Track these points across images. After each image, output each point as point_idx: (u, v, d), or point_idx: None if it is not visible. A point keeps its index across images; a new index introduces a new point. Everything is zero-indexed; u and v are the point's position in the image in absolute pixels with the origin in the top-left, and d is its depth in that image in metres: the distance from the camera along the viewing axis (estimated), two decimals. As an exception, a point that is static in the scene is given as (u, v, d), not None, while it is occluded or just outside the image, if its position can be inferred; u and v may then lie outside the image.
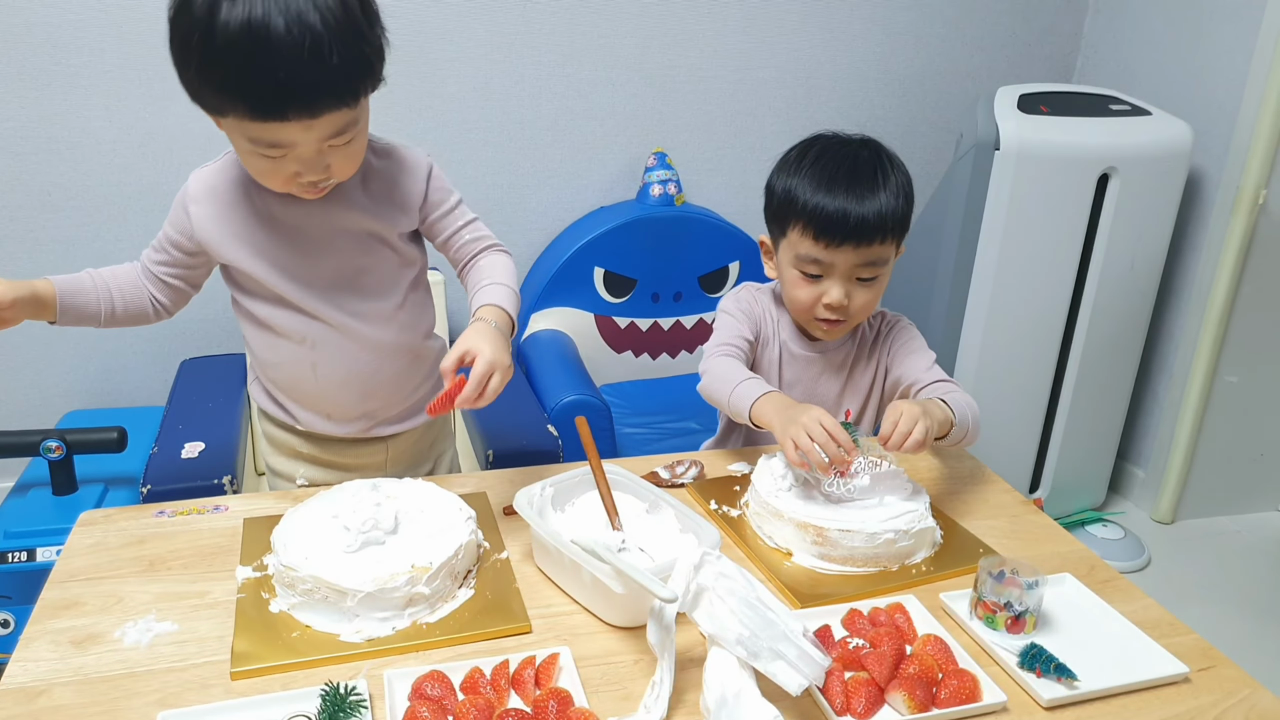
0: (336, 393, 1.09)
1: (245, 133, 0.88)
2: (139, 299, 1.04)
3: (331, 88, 0.86)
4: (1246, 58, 1.95)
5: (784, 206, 1.16)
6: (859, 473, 1.05)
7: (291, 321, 1.05)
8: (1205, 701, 0.84)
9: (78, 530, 1.01)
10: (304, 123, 0.87)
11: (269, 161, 0.91)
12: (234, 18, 0.81)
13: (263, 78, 0.83)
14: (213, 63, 0.83)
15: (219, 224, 1.02)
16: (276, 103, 0.85)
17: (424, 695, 0.77)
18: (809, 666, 0.76)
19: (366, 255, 1.06)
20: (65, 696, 0.78)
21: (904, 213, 1.14)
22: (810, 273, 1.15)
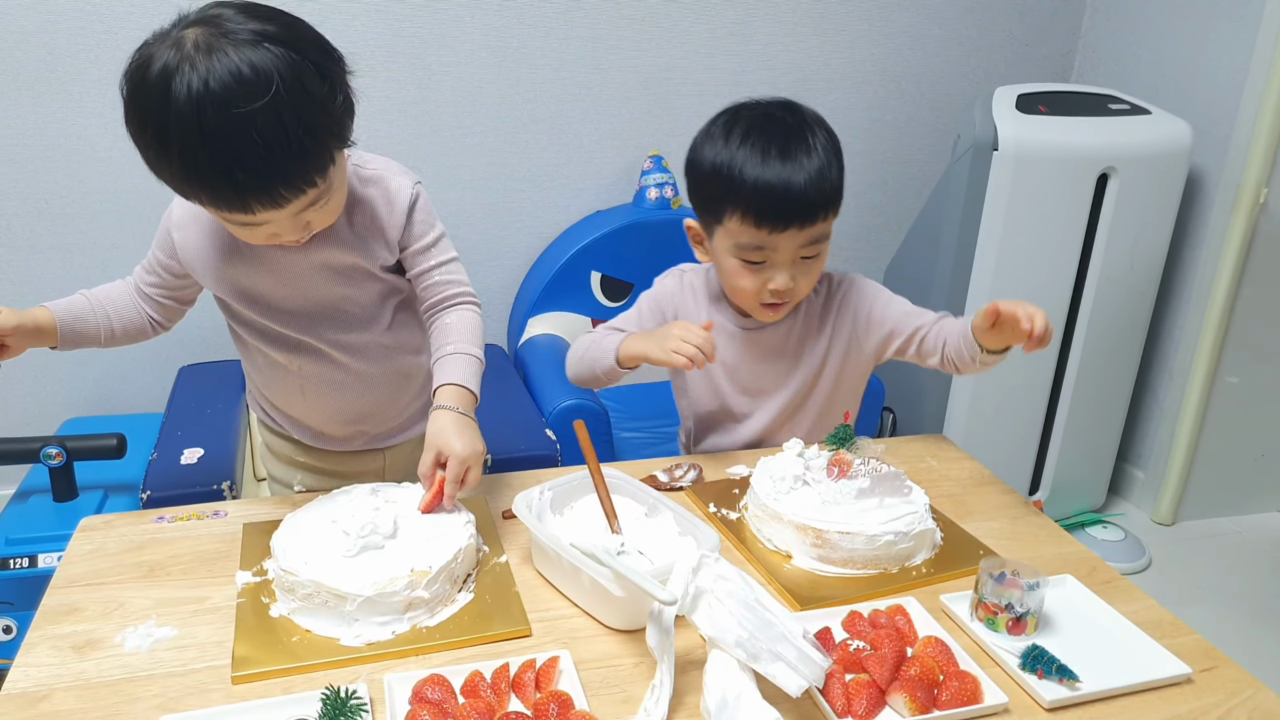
0: (326, 414, 1.09)
1: (222, 216, 0.88)
2: (136, 318, 1.04)
3: (290, 182, 0.84)
4: (1246, 56, 1.94)
5: (718, 190, 1.08)
6: (858, 474, 1.05)
7: (277, 348, 1.06)
8: (1208, 702, 0.84)
9: (78, 536, 1.01)
10: (270, 211, 0.85)
11: (244, 229, 0.90)
12: (185, 114, 0.78)
13: (220, 180, 0.81)
14: (168, 160, 0.81)
15: (200, 253, 1.01)
16: (237, 201, 0.83)
17: (424, 699, 0.77)
18: (808, 668, 0.76)
19: (349, 286, 1.04)
20: (67, 702, 0.78)
21: (840, 179, 1.09)
22: (752, 260, 1.10)
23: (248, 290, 1.02)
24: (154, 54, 0.81)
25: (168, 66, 0.79)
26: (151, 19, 1.97)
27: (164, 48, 0.81)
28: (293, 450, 1.15)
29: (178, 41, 0.81)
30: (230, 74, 0.78)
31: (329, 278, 1.03)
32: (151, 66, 0.80)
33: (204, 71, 0.78)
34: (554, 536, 0.91)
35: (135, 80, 0.81)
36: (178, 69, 0.78)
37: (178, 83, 0.78)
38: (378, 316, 1.07)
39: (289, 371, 1.07)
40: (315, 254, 1.01)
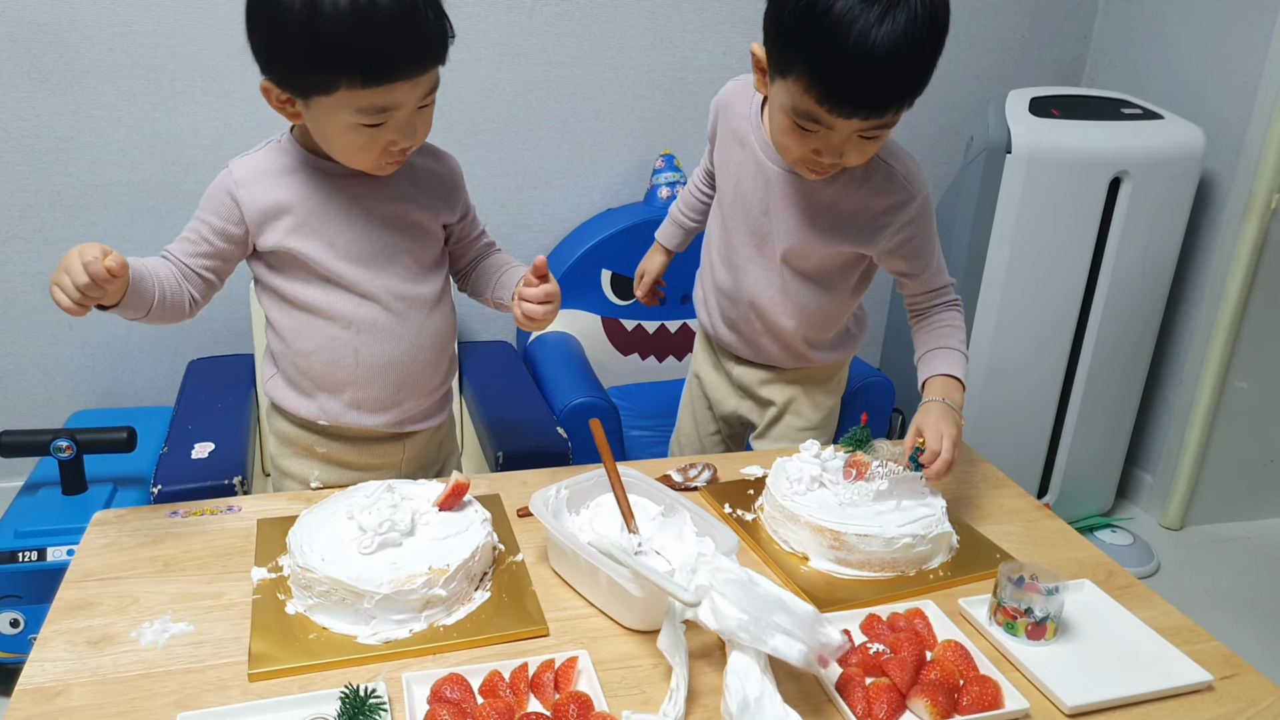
0: (374, 378, 1.09)
1: (354, 103, 0.92)
2: (179, 294, 1.02)
3: (430, 45, 0.92)
4: (1260, 61, 1.94)
5: (793, 35, 0.93)
6: (875, 476, 1.05)
7: (338, 303, 1.06)
8: (1230, 709, 0.83)
9: (92, 530, 1.01)
10: (411, 81, 0.92)
11: (368, 133, 0.95)
12: (341, 1, 0.86)
13: (376, 44, 0.88)
14: (324, 43, 0.87)
15: (270, 204, 1.02)
16: (390, 64, 0.90)
17: (443, 698, 0.77)
18: (806, 632, 0.76)
19: (413, 240, 1.08)
20: (83, 697, 0.77)
21: (928, 68, 0.94)
22: (805, 127, 0.99)
23: (320, 237, 1.03)
24: None
25: None
26: (166, 12, 1.96)
27: None
28: (312, 440, 1.14)
29: None
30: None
31: (396, 227, 1.07)
32: None
33: None
34: (571, 535, 0.91)
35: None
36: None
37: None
38: (435, 276, 1.12)
39: (345, 331, 1.07)
40: (384, 201, 1.05)
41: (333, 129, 0.96)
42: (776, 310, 1.23)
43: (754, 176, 1.16)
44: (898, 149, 1.14)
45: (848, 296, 1.25)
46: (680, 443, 1.48)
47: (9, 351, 1.95)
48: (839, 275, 1.21)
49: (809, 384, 1.32)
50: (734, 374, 1.35)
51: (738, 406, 1.38)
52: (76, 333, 1.97)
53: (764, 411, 1.34)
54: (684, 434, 1.47)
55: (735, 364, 1.34)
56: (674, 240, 1.44)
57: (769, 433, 1.35)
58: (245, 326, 1.79)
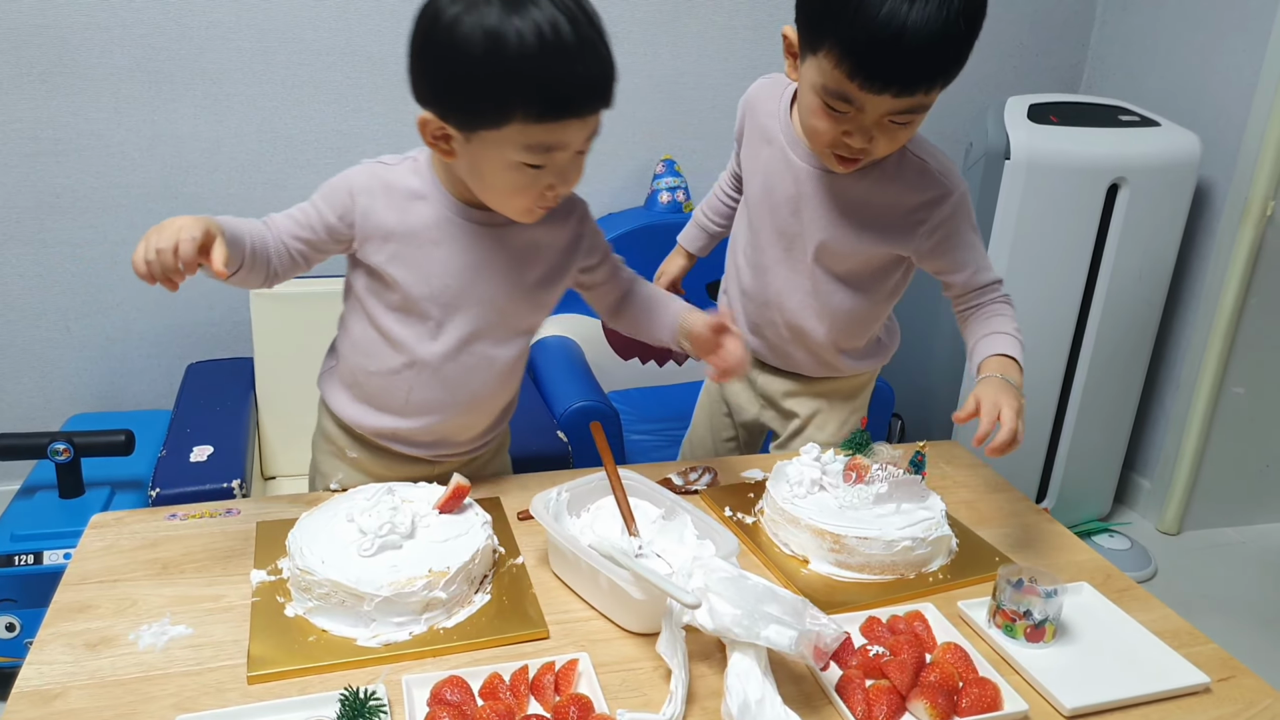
0: (418, 418, 1.07)
1: (524, 139, 0.88)
2: (264, 259, 0.98)
3: (606, 82, 0.90)
4: (1255, 69, 1.96)
5: (823, 11, 0.94)
6: (875, 480, 1.05)
7: (409, 339, 1.02)
8: (1227, 712, 0.84)
9: (89, 533, 1.00)
10: (583, 119, 0.90)
11: (530, 174, 0.91)
12: (527, 27, 0.83)
13: (557, 77, 0.86)
14: (506, 73, 0.84)
15: (384, 223, 0.99)
16: (568, 99, 0.87)
17: (443, 700, 0.77)
18: (796, 619, 0.77)
19: (515, 299, 1.04)
20: (81, 700, 0.77)
21: (964, 48, 0.93)
22: (835, 108, 0.98)
23: (419, 272, 0.99)
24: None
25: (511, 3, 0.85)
26: (165, 15, 1.97)
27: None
28: (347, 444, 1.12)
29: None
30: (576, 3, 0.88)
31: (504, 285, 1.02)
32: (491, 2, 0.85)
33: (549, 4, 0.85)
34: (572, 538, 0.91)
35: (468, 4, 0.85)
36: (521, 2, 0.85)
37: (530, 8, 0.85)
38: (514, 341, 1.07)
39: (405, 370, 1.04)
40: (502, 259, 1.01)
41: (493, 167, 0.91)
42: (805, 314, 1.20)
43: (782, 174, 1.13)
44: (930, 145, 1.11)
45: (882, 300, 1.21)
46: (692, 446, 1.46)
47: (6, 354, 1.94)
48: (873, 278, 1.18)
49: (834, 398, 1.29)
50: (758, 382, 1.32)
51: (759, 415, 1.35)
52: (74, 335, 1.97)
53: (786, 423, 1.32)
54: (697, 438, 1.45)
55: (760, 372, 1.31)
56: (696, 243, 1.40)
57: (790, 444, 1.32)
58: (245, 330, 1.78)
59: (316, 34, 1.90)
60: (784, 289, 1.20)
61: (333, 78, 1.93)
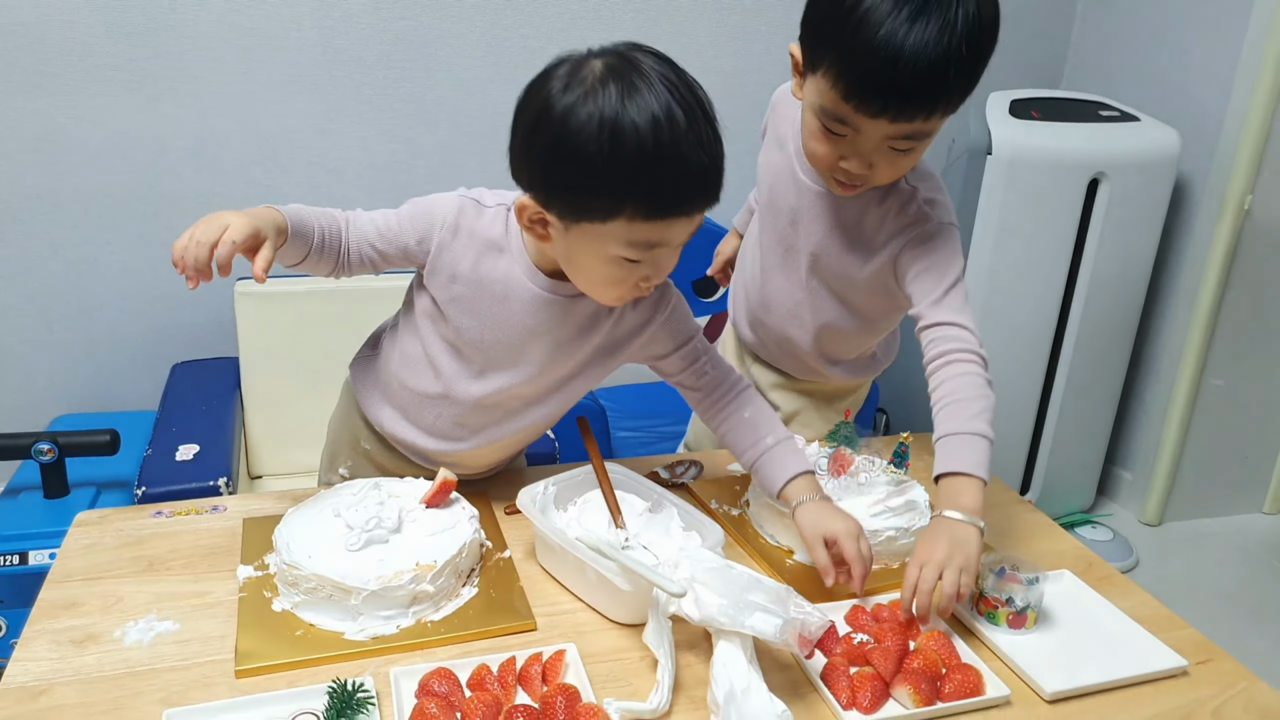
0: (436, 442, 1.06)
1: (628, 235, 0.84)
2: (334, 252, 0.96)
3: (717, 181, 0.85)
4: (1233, 65, 1.98)
5: (824, 33, 0.91)
6: (859, 472, 1.06)
7: (449, 372, 1.01)
8: (1204, 694, 0.86)
9: (74, 531, 1.00)
10: (689, 219, 0.86)
11: (627, 268, 0.87)
12: (641, 119, 0.79)
13: (671, 177, 0.82)
14: (620, 171, 0.81)
15: (459, 267, 0.96)
16: (679, 199, 0.83)
17: (431, 692, 0.77)
18: (780, 606, 0.78)
19: (559, 373, 1.01)
20: (68, 696, 0.77)
21: (969, 76, 0.90)
22: (833, 130, 0.95)
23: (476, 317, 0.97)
24: (604, 68, 0.83)
25: (631, 83, 0.81)
26: (146, 14, 1.96)
27: (595, 72, 0.83)
28: (363, 435, 1.12)
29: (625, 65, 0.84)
30: (683, 82, 0.83)
31: (550, 357, 0.99)
32: (607, 86, 0.81)
33: (660, 87, 0.81)
34: (559, 531, 0.92)
35: (583, 93, 0.81)
36: (635, 87, 0.81)
37: (645, 94, 0.81)
38: (561, 402, 1.05)
39: (439, 398, 1.03)
40: (561, 332, 0.98)
41: (592, 258, 0.88)
42: (791, 322, 1.20)
43: (787, 183, 1.12)
44: (931, 177, 1.08)
45: (876, 321, 1.19)
46: (695, 434, 1.46)
47: (-10, 356, 1.94)
48: (865, 299, 1.15)
49: (819, 398, 1.29)
50: (751, 371, 1.33)
51: None
52: (58, 336, 1.96)
53: None
54: (699, 425, 1.44)
55: (753, 362, 1.32)
56: (745, 226, 1.36)
57: None
58: (230, 330, 1.78)
59: (300, 33, 1.90)
60: (777, 294, 1.20)
61: (315, 77, 1.93)
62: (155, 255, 1.95)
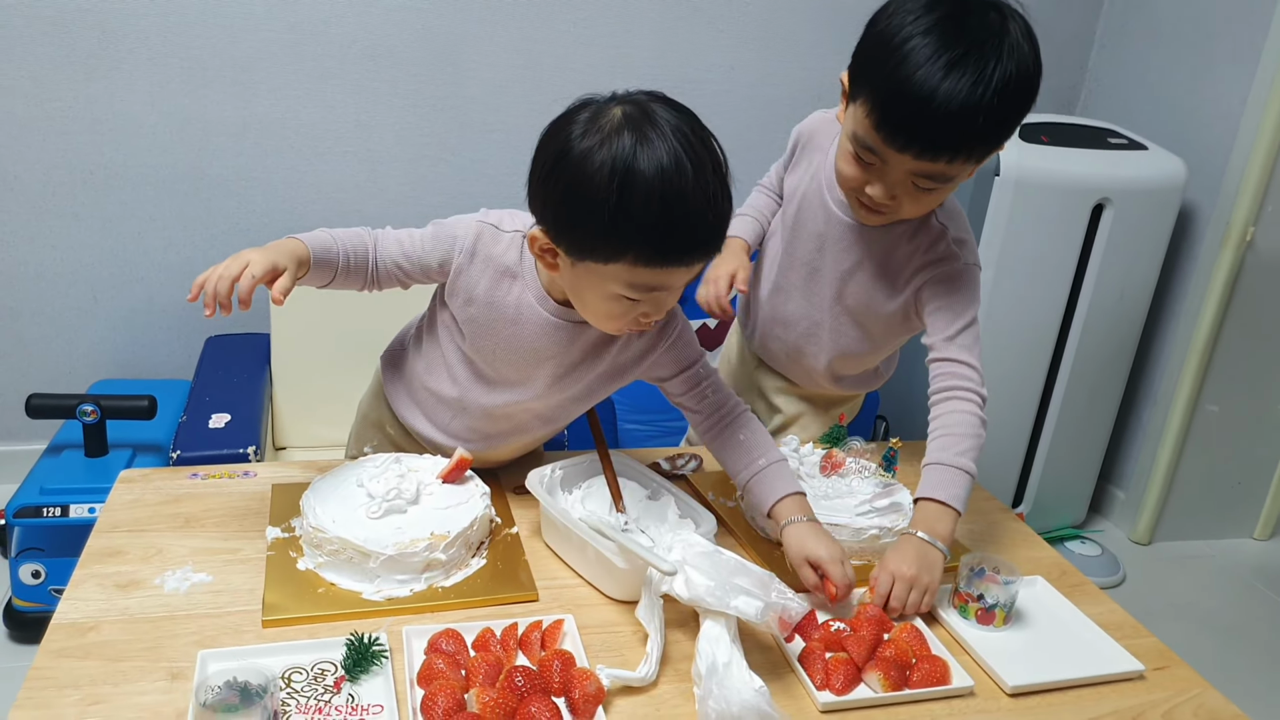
0: (453, 440, 1.11)
1: (629, 278, 0.88)
2: (361, 271, 1.01)
3: (718, 236, 0.89)
4: (1242, 99, 2.01)
5: (869, 63, 0.96)
6: (849, 473, 1.12)
7: (464, 383, 1.07)
8: (1158, 697, 0.90)
9: (119, 487, 1.07)
10: (690, 266, 0.89)
11: (627, 304, 0.91)
12: (649, 168, 0.83)
13: (673, 230, 0.85)
14: (624, 219, 0.84)
15: (476, 290, 1.01)
16: (679, 250, 0.87)
17: (439, 650, 0.83)
18: (762, 590, 0.83)
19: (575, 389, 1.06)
20: (113, 633, 0.84)
21: (997, 129, 0.93)
22: (862, 157, 1.00)
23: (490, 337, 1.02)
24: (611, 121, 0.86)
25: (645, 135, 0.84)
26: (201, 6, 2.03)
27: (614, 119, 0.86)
28: (387, 420, 1.18)
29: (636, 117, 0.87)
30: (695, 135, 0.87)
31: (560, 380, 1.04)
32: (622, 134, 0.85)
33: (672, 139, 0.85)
34: (563, 511, 0.97)
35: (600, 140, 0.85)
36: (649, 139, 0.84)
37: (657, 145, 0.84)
38: (570, 417, 1.11)
39: (455, 402, 1.08)
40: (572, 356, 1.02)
41: (594, 294, 0.92)
42: (808, 340, 1.23)
43: (817, 211, 1.16)
44: (960, 216, 1.12)
45: (889, 345, 1.25)
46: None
47: (37, 320, 2.02)
48: (885, 327, 1.20)
49: (820, 404, 1.34)
50: (754, 376, 1.37)
51: (752, 403, 1.36)
52: (101, 305, 2.04)
53: (770, 416, 1.37)
54: None
55: (757, 367, 1.36)
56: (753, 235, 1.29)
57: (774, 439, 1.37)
58: (262, 307, 1.86)
59: (342, 29, 1.97)
60: (797, 314, 1.23)
61: (355, 72, 2.00)
62: (196, 233, 2.03)
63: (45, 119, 1.88)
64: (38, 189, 1.93)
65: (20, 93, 1.86)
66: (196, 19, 1.89)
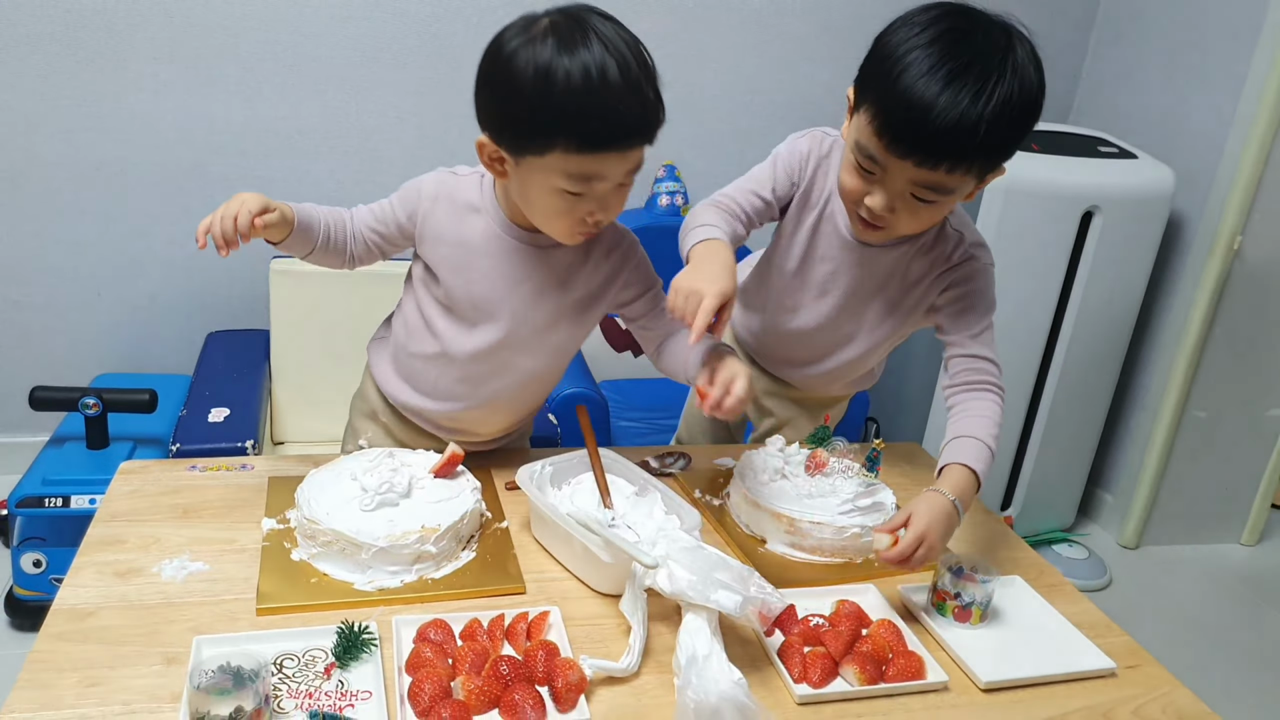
0: (442, 403, 1.16)
1: (564, 168, 0.94)
2: (342, 245, 1.09)
3: (645, 123, 0.95)
4: (1231, 109, 2.03)
5: (872, 76, 0.99)
6: (833, 472, 1.15)
7: (446, 334, 1.11)
8: (1128, 694, 0.92)
9: (119, 478, 1.10)
10: (621, 154, 0.95)
11: (570, 200, 0.97)
12: (575, 67, 0.90)
13: (598, 114, 0.91)
14: (550, 107, 0.91)
15: (443, 229, 1.07)
16: (606, 135, 0.93)
17: (427, 639, 0.86)
18: (741, 585, 0.86)
19: (551, 317, 1.10)
20: (112, 618, 0.87)
21: (998, 141, 0.95)
22: (864, 166, 1.01)
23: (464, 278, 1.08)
24: (549, 24, 0.94)
25: (570, 36, 0.92)
26: (206, 6, 2.06)
27: (543, 24, 0.94)
28: (380, 409, 1.22)
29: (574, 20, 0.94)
30: (622, 36, 0.95)
31: (540, 302, 1.09)
32: (550, 34, 0.92)
33: (608, 32, 0.93)
34: (552, 506, 0.99)
35: (529, 35, 0.93)
36: (589, 34, 0.92)
37: (580, 46, 0.91)
38: (555, 359, 1.15)
39: (437, 360, 1.12)
40: (545, 279, 1.08)
41: (537, 190, 0.98)
42: (813, 353, 1.26)
43: (831, 240, 1.17)
44: (972, 225, 1.16)
45: (887, 350, 1.28)
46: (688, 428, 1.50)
47: (41, 314, 2.05)
48: (892, 340, 1.24)
49: (812, 405, 1.36)
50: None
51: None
52: (104, 300, 2.07)
53: (761, 419, 1.39)
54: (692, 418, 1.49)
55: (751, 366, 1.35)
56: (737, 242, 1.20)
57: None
58: (263, 303, 1.88)
59: (346, 31, 2.00)
60: (800, 330, 1.24)
61: (358, 73, 2.03)
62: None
63: (50, 116, 1.91)
64: (44, 186, 1.96)
65: (28, 91, 1.89)
66: (202, 20, 1.92)
